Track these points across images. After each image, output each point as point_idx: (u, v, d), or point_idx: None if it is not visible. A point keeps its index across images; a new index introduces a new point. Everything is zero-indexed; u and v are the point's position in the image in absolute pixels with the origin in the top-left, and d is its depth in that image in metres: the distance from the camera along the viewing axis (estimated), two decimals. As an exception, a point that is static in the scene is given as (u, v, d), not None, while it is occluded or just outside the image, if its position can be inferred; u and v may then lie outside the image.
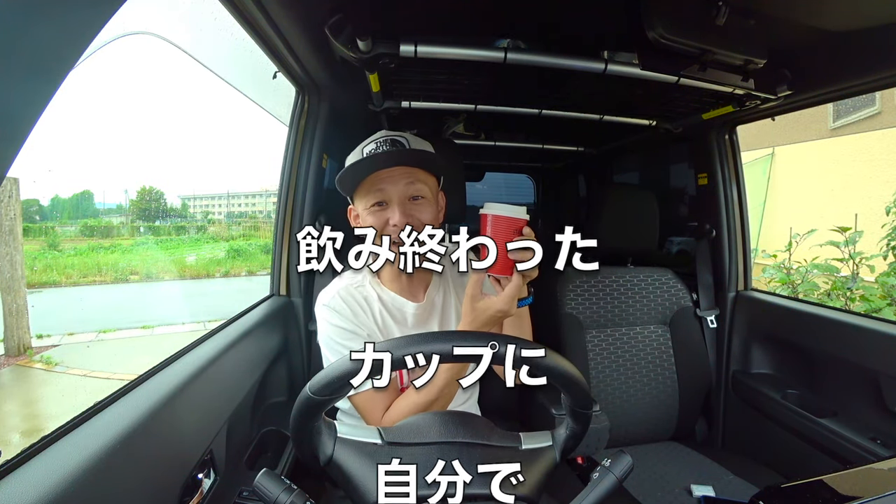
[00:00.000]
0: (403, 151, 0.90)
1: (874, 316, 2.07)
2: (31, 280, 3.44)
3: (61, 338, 3.41)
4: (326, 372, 0.56)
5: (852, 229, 3.14)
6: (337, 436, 0.61)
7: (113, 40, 0.80)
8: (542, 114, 1.60)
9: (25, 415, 2.68)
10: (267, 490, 0.58)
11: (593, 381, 1.53)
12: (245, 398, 1.03)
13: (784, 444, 1.40)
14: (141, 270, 4.55)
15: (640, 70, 1.12)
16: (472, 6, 1.03)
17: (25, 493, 0.48)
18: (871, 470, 0.84)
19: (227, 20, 0.92)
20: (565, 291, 1.55)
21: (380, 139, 0.92)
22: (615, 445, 1.41)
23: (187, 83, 3.55)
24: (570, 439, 0.66)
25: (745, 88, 1.19)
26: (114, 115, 4.47)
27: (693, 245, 1.79)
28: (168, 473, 0.71)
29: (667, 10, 0.92)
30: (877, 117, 4.65)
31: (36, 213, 3.95)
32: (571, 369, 0.59)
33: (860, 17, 0.98)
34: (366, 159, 0.87)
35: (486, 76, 1.27)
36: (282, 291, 1.44)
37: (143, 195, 4.88)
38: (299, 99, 1.41)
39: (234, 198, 5.81)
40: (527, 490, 0.59)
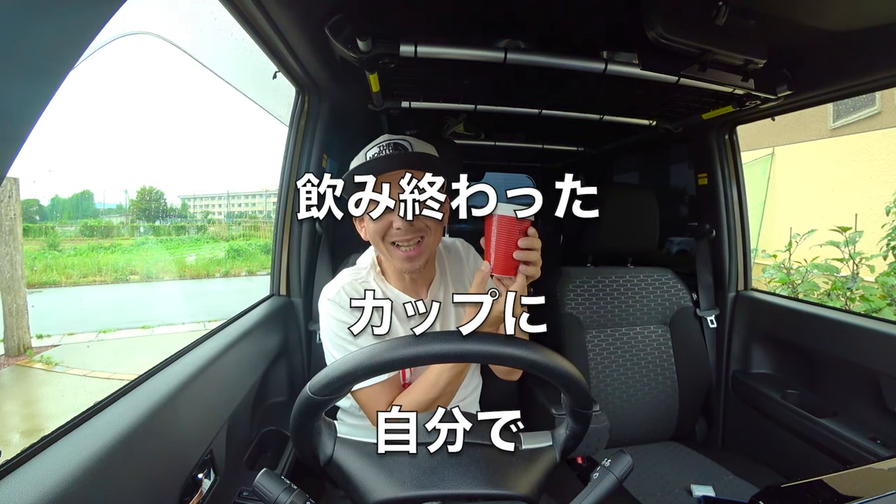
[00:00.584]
0: (405, 155, 0.90)
1: (874, 316, 2.07)
2: (31, 280, 3.44)
3: (61, 338, 3.41)
4: (326, 372, 0.56)
5: (852, 229, 3.14)
6: (337, 436, 0.61)
7: (113, 40, 0.80)
8: (542, 114, 1.60)
9: (25, 415, 2.68)
10: (267, 490, 0.58)
11: (593, 381, 1.53)
12: (245, 398, 1.03)
13: (784, 444, 1.40)
14: (141, 270, 4.55)
15: (640, 70, 1.12)
16: (472, 6, 1.03)
17: (25, 493, 0.48)
18: (871, 470, 0.84)
19: (227, 20, 0.92)
20: (565, 291, 1.55)
21: (383, 143, 0.93)
22: (615, 445, 1.41)
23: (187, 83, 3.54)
24: (570, 439, 0.66)
25: (745, 88, 1.19)
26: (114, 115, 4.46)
27: (693, 245, 1.79)
28: (168, 473, 0.71)
29: (667, 10, 0.92)
30: (877, 117, 4.65)
31: (36, 213, 3.95)
32: (571, 369, 0.59)
33: (860, 17, 0.98)
34: (368, 163, 0.87)
35: (486, 76, 1.27)
36: (282, 291, 1.44)
37: (143, 195, 4.87)
38: (299, 99, 1.41)
39: (234, 198, 5.81)
40: (527, 490, 0.59)
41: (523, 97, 1.53)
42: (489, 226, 0.71)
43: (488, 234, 0.70)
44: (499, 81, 1.35)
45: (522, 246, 0.70)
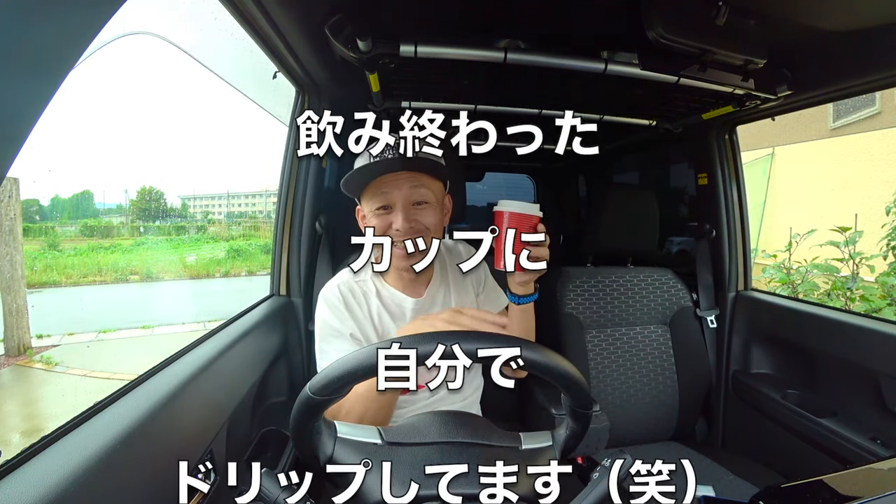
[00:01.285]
0: (406, 158, 0.90)
1: (874, 316, 2.07)
2: (31, 280, 3.44)
3: (61, 338, 3.41)
4: (326, 372, 0.56)
5: (852, 229, 3.14)
6: (337, 436, 0.61)
7: (113, 40, 0.80)
8: (542, 114, 1.60)
9: (25, 415, 2.68)
10: (267, 490, 0.58)
11: (593, 381, 1.53)
12: (245, 398, 1.03)
13: (784, 444, 1.40)
14: (141, 270, 4.55)
15: (640, 70, 1.12)
16: (472, 6, 1.03)
17: (25, 493, 0.48)
18: (871, 470, 0.84)
19: (227, 20, 0.92)
20: (565, 291, 1.56)
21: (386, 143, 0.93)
22: (615, 445, 1.41)
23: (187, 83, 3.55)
24: (570, 439, 0.66)
25: (745, 88, 1.18)
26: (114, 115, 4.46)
27: (693, 245, 1.79)
28: (168, 473, 0.71)
29: (667, 10, 0.92)
30: (877, 117, 4.65)
31: (36, 213, 3.95)
32: (571, 369, 0.59)
33: (860, 17, 0.98)
34: (370, 165, 0.88)
35: (486, 76, 1.27)
36: (282, 291, 1.44)
37: (143, 195, 4.88)
38: (299, 99, 1.41)
39: (234, 198, 5.81)
40: (527, 490, 0.59)
41: (523, 97, 1.53)
42: (500, 222, 0.72)
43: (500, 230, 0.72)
44: (499, 81, 1.35)
45: (532, 242, 0.73)
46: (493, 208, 0.78)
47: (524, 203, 0.75)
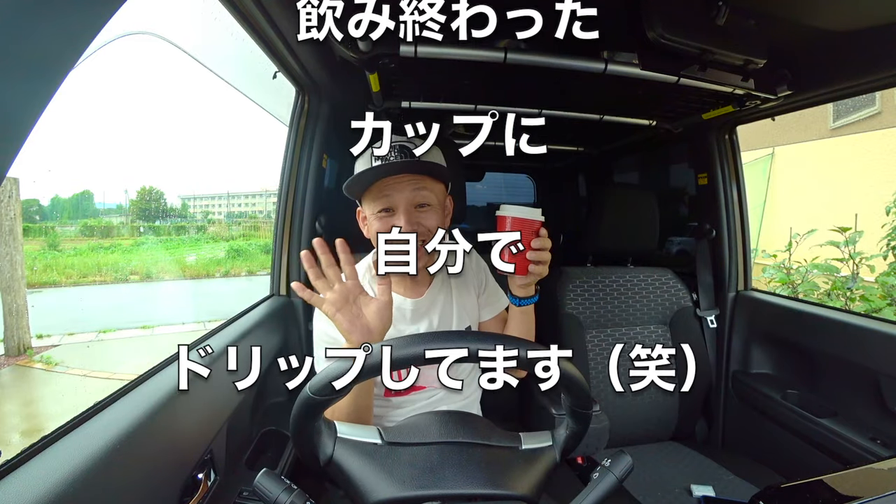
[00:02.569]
0: (409, 161, 0.90)
1: (874, 316, 2.07)
2: (31, 280, 3.44)
3: (61, 338, 3.41)
4: (327, 372, 0.56)
5: (852, 229, 3.14)
6: (337, 436, 0.61)
7: (113, 40, 0.80)
8: (542, 114, 1.60)
9: (25, 415, 2.68)
10: (267, 490, 0.58)
11: (593, 381, 1.53)
12: (245, 398, 1.03)
13: (784, 444, 1.40)
14: (141, 270, 4.55)
15: (640, 70, 1.12)
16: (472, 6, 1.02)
17: (25, 493, 0.48)
18: (871, 470, 0.84)
19: (227, 20, 0.92)
20: (565, 291, 1.56)
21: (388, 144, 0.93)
22: (615, 445, 1.40)
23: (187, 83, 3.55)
24: (570, 439, 0.66)
25: (745, 88, 1.19)
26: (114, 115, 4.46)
27: (693, 245, 1.79)
28: (168, 473, 0.71)
29: (667, 10, 0.92)
30: (877, 117, 4.65)
31: (36, 213, 3.95)
32: (571, 369, 0.59)
33: (860, 17, 0.98)
34: (372, 168, 0.87)
35: (487, 76, 1.27)
36: (282, 291, 1.44)
37: (143, 195, 4.88)
38: (299, 99, 1.41)
39: (234, 198, 5.81)
40: (526, 490, 0.59)
41: (523, 97, 1.53)
42: (503, 227, 0.75)
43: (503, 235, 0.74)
44: (499, 81, 1.35)
45: (534, 246, 0.75)
46: (494, 212, 0.79)
47: (526, 208, 0.76)
